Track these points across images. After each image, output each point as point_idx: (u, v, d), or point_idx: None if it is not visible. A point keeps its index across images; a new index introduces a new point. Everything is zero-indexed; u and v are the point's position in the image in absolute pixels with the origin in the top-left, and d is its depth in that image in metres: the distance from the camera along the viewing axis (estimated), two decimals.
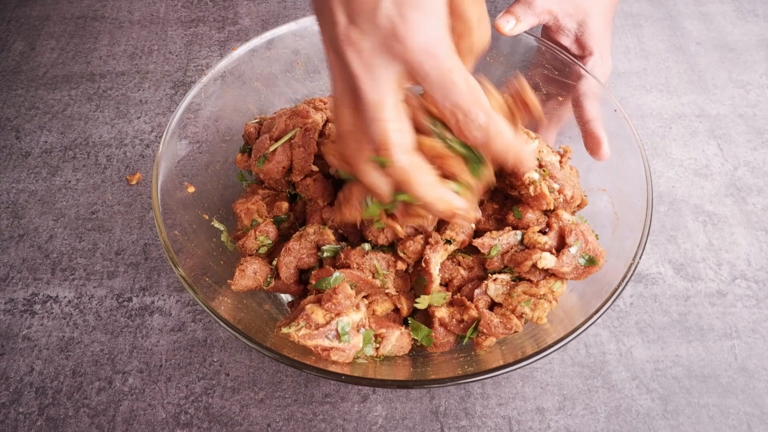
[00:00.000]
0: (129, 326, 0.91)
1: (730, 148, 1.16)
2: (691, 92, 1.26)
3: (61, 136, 1.15)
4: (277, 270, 0.78)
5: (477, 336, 0.76)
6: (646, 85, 1.27)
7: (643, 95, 1.25)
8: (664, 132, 1.19)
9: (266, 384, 0.86)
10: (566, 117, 0.97)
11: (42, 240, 1.01)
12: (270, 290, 0.82)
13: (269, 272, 0.80)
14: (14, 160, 1.11)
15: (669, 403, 0.86)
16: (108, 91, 1.22)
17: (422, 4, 0.53)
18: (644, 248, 0.76)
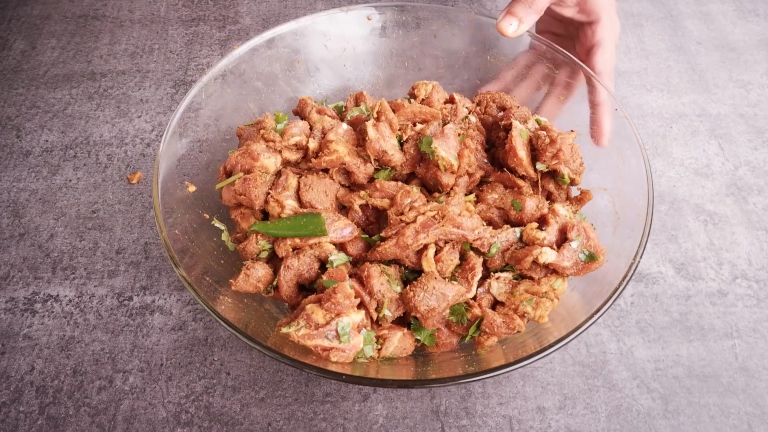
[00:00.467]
0: (130, 325, 0.91)
1: (731, 148, 1.16)
2: (692, 92, 1.26)
3: (62, 135, 1.15)
4: (278, 286, 0.79)
5: (479, 335, 0.76)
6: (647, 85, 1.27)
7: (644, 95, 1.25)
8: (665, 131, 1.19)
9: (267, 383, 0.86)
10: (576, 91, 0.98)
11: (43, 239, 1.01)
12: (270, 298, 0.82)
13: (271, 281, 0.80)
14: (15, 159, 1.11)
15: (670, 403, 0.86)
16: (109, 90, 1.22)
17: None
18: (645, 247, 0.76)
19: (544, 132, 0.84)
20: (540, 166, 0.84)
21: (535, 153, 0.84)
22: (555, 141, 0.81)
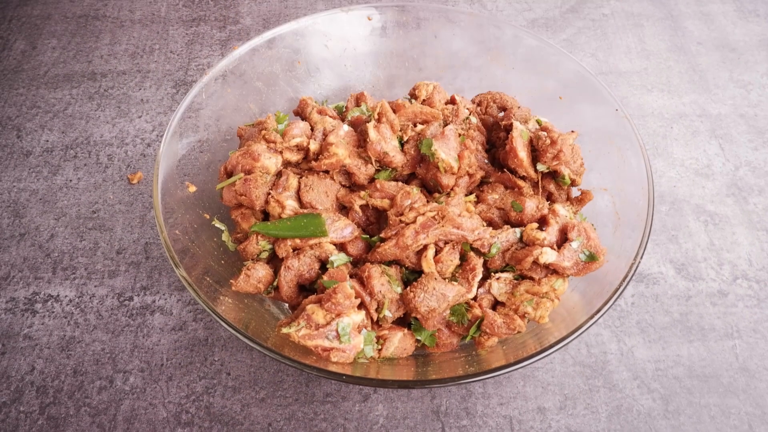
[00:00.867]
0: (130, 325, 0.91)
1: (732, 148, 1.16)
2: (693, 92, 1.26)
3: (63, 135, 1.15)
4: (278, 287, 0.79)
5: (480, 335, 0.76)
6: (647, 85, 1.27)
7: (645, 95, 1.25)
8: (666, 132, 1.19)
9: (267, 383, 0.86)
10: None
11: (43, 239, 1.01)
12: (270, 298, 0.82)
13: (272, 281, 0.80)
14: (15, 159, 1.11)
15: (670, 403, 0.86)
16: (109, 90, 1.22)
17: None
18: (645, 248, 0.76)
19: (545, 133, 0.84)
20: (541, 167, 0.84)
21: (536, 154, 0.84)
22: (556, 142, 0.81)
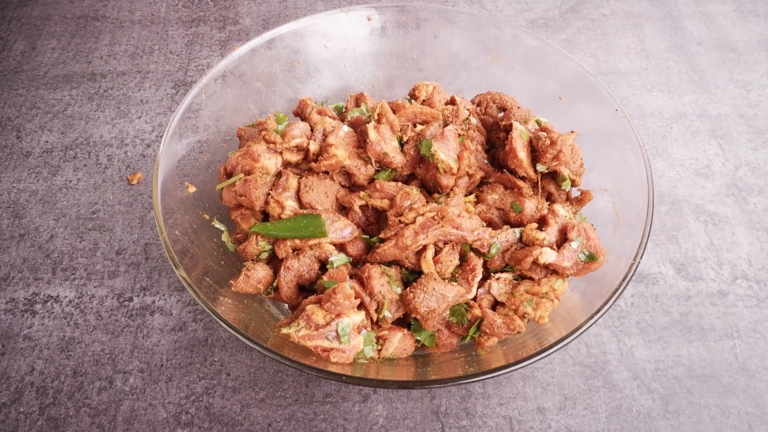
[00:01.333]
0: (130, 326, 0.91)
1: (731, 148, 1.16)
2: (692, 92, 1.26)
3: (62, 136, 1.15)
4: (278, 287, 0.79)
5: (479, 336, 0.76)
6: (647, 85, 1.27)
7: (644, 95, 1.25)
8: (665, 132, 1.19)
9: (267, 384, 0.86)
10: None
11: (43, 240, 1.01)
12: (270, 299, 0.82)
13: (271, 282, 0.80)
14: (15, 160, 1.11)
15: (670, 403, 0.86)
16: (109, 91, 1.22)
17: None
18: (645, 248, 0.76)
19: (545, 133, 0.84)
20: (540, 168, 0.84)
21: (536, 154, 0.84)
22: (555, 142, 0.81)
